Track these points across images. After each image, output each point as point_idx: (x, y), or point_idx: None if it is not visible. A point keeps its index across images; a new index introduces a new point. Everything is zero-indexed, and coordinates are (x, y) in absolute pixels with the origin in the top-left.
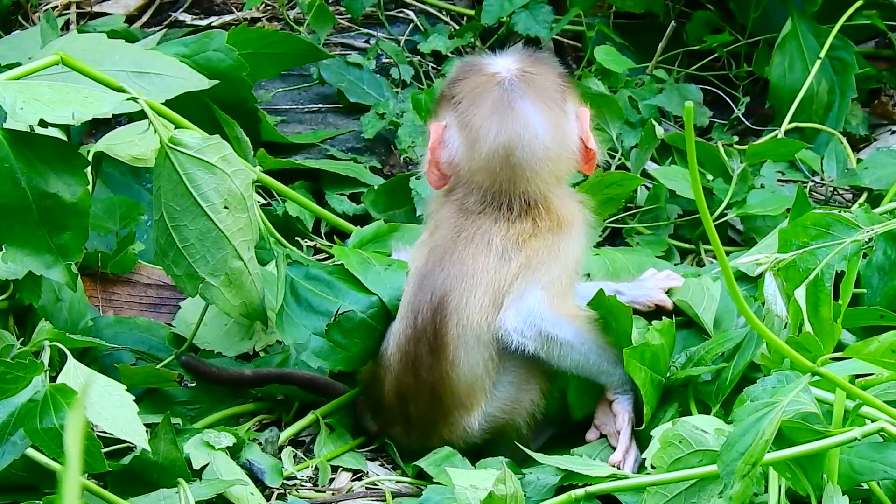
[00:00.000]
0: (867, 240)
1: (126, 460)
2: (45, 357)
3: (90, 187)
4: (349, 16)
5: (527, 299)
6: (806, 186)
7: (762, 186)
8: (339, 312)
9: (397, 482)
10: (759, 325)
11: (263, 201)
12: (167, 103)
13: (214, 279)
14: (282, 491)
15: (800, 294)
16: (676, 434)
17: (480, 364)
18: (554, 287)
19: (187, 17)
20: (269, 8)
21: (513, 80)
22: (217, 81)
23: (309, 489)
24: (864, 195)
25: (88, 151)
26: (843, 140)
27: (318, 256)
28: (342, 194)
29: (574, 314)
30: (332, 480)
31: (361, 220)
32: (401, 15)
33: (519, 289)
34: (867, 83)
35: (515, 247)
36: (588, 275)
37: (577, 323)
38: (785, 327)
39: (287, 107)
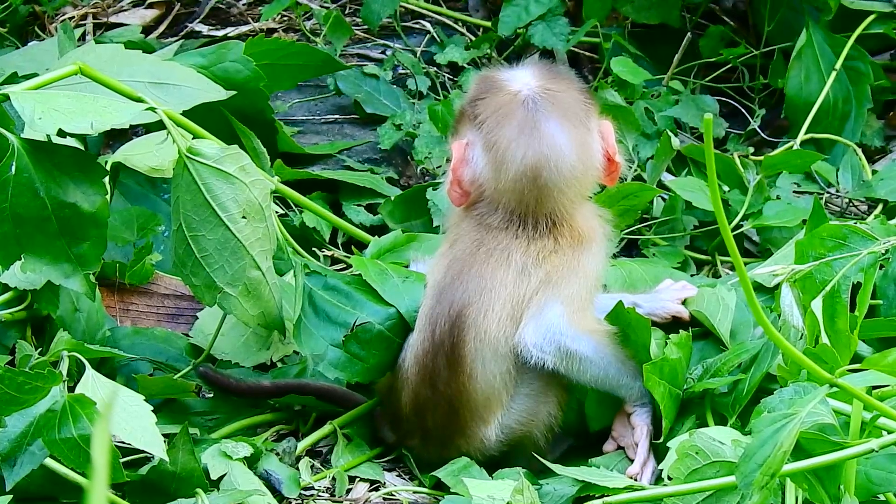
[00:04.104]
0: (883, 251)
1: (144, 470)
2: (64, 367)
3: (108, 197)
4: (365, 27)
5: (546, 315)
6: (821, 198)
7: (778, 198)
8: (357, 324)
9: (415, 493)
10: (778, 337)
11: (281, 212)
12: (184, 114)
13: (233, 289)
14: (299, 501)
15: (816, 305)
16: (693, 445)
17: (498, 377)
18: (573, 302)
19: (204, 28)
20: (285, 19)
21: (536, 100)
22: (234, 92)
23: (326, 499)
24: (880, 207)
25: (106, 162)
26: (859, 151)
27: (336, 267)
28: (359, 205)
29: (593, 329)
30: (349, 491)
31: (378, 230)
32: (417, 26)
33: (538, 304)
34: (882, 95)
35: (535, 263)
36: (605, 286)
37: (596, 338)
38: (801, 338)
39: (304, 118)
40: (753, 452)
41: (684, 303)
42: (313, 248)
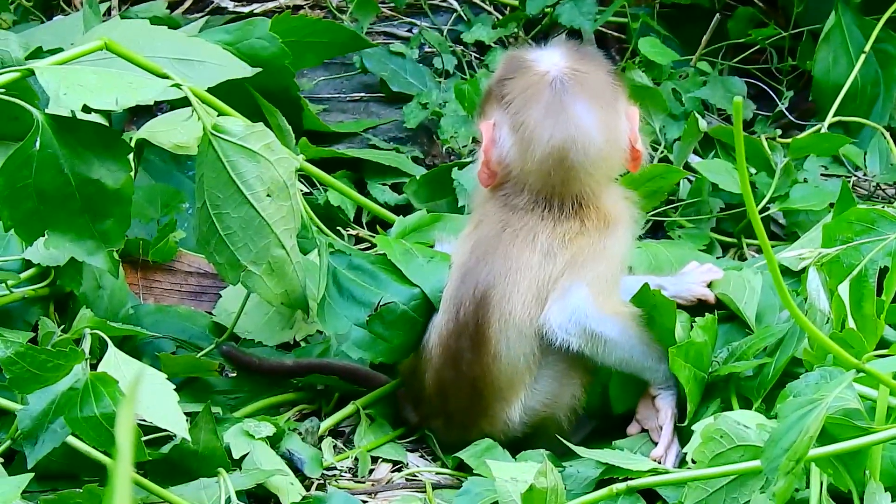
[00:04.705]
0: None
1: (166, 449)
2: (86, 345)
3: (132, 174)
4: (392, 4)
5: (572, 297)
6: (849, 181)
7: (805, 181)
8: (381, 304)
9: (437, 473)
10: (805, 321)
11: (305, 190)
12: (210, 91)
13: (256, 267)
14: (321, 481)
15: (843, 289)
16: (718, 429)
17: (522, 359)
18: (599, 284)
19: (229, 4)
20: None
21: (564, 81)
22: (260, 69)
23: (349, 480)
24: None
25: (130, 138)
26: (887, 135)
27: (360, 246)
28: (384, 184)
29: (619, 311)
30: (371, 471)
31: (403, 210)
32: (444, 4)
33: (564, 286)
34: None
35: (561, 245)
36: (630, 268)
37: (621, 320)
38: (827, 322)
39: (329, 95)
40: (779, 437)
41: (710, 285)
42: (338, 227)
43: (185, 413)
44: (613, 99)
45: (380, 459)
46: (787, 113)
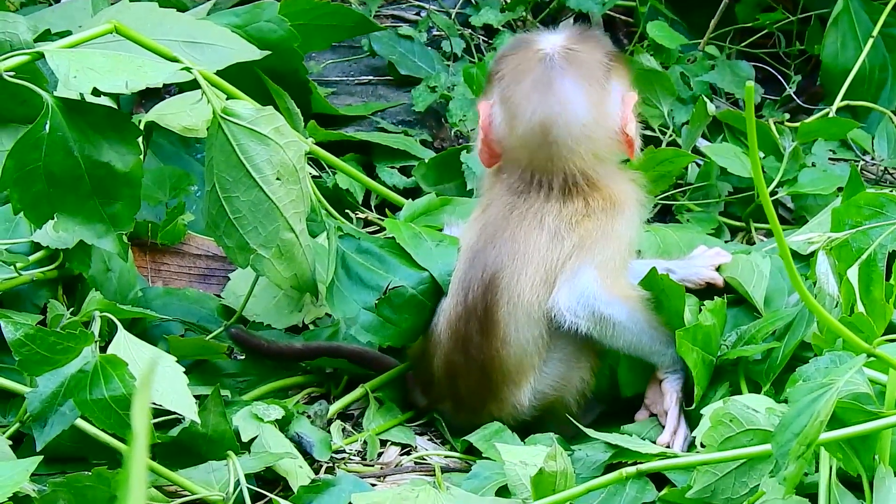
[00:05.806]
0: None
1: (175, 432)
2: (95, 328)
3: (142, 157)
4: None
5: (580, 279)
6: (857, 165)
7: (813, 165)
8: (390, 287)
9: (446, 457)
10: (815, 304)
11: (314, 173)
12: (219, 74)
13: (266, 251)
14: (330, 464)
15: (852, 274)
16: (727, 413)
17: (531, 342)
18: (607, 267)
19: None
20: None
21: (555, 57)
22: (268, 52)
23: (357, 463)
24: None
25: (140, 121)
26: (895, 119)
27: (369, 229)
28: (392, 167)
29: (627, 294)
30: (380, 454)
31: (412, 193)
32: None
33: (572, 269)
34: None
35: (568, 227)
36: (639, 252)
37: (630, 303)
38: (836, 306)
39: (337, 79)
40: (790, 422)
41: (718, 269)
42: (346, 211)
43: (194, 396)
44: (605, 78)
45: (389, 443)
46: (795, 97)
